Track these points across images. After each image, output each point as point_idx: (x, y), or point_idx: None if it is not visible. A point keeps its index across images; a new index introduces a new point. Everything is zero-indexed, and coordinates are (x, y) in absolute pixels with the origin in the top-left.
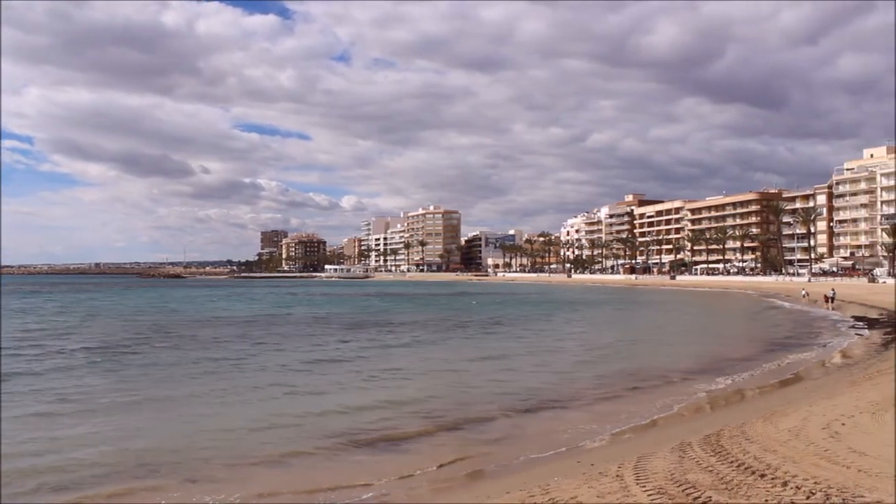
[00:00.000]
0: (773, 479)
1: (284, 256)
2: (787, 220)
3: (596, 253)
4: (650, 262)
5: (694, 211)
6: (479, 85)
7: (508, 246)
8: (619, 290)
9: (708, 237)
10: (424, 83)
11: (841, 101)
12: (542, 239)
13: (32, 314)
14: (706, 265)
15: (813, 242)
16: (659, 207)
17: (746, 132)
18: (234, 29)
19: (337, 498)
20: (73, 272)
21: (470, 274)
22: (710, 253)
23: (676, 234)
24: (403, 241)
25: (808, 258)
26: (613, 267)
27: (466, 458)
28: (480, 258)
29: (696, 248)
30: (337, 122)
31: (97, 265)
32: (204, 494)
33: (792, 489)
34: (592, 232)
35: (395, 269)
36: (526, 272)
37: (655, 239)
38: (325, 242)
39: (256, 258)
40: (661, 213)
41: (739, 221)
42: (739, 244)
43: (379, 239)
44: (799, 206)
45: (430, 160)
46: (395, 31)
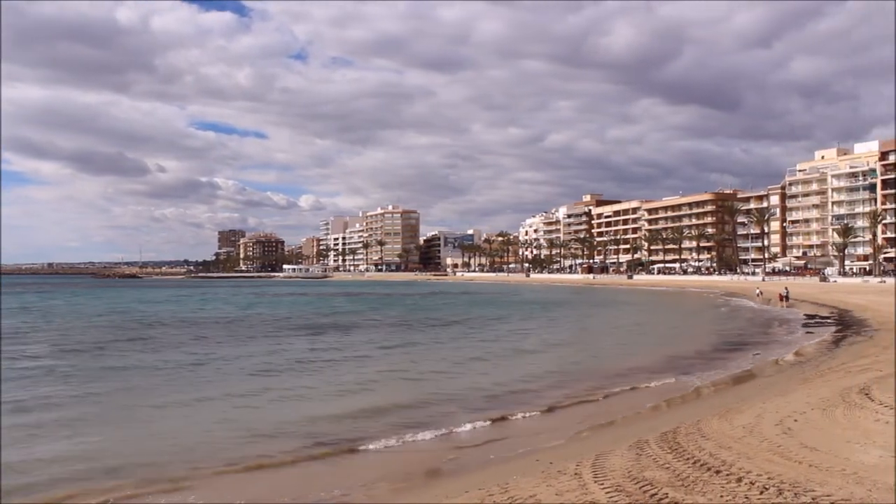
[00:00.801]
0: (727, 475)
1: (242, 256)
2: (741, 220)
3: (554, 252)
4: (608, 261)
5: (651, 211)
6: (437, 85)
7: (467, 246)
8: (578, 289)
9: (664, 237)
10: (383, 82)
11: (793, 103)
12: (500, 239)
13: None
14: (663, 265)
15: (767, 242)
16: (616, 207)
17: (702, 133)
18: (189, 26)
19: (297, 498)
20: (24, 272)
21: (429, 274)
22: (666, 252)
23: (633, 233)
24: (362, 240)
25: (762, 258)
26: (571, 266)
27: (425, 458)
28: (439, 258)
29: (652, 247)
30: (294, 120)
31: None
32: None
33: (746, 485)
34: (551, 232)
35: (353, 268)
36: (485, 272)
37: (613, 239)
38: (283, 242)
39: (214, 258)
40: (618, 213)
41: (695, 221)
42: (695, 244)
43: (338, 238)
44: (753, 206)
45: (388, 160)
46: (353, 29)
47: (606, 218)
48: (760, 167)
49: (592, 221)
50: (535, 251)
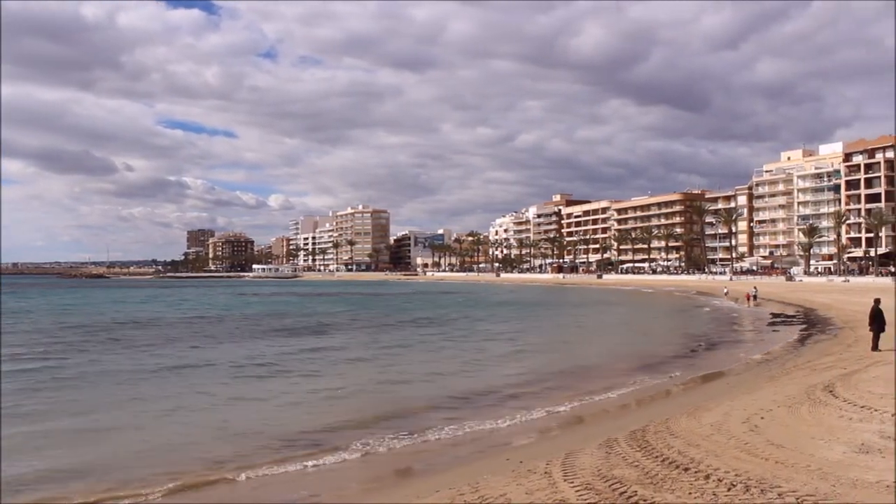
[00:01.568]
0: (696, 472)
1: (211, 256)
2: (709, 220)
3: (524, 252)
4: (577, 261)
5: (620, 211)
6: (407, 84)
7: (437, 245)
8: (549, 289)
9: (634, 237)
10: (353, 81)
11: (759, 104)
12: (470, 238)
13: None
14: (632, 264)
15: (734, 242)
16: (586, 207)
17: (670, 134)
18: (156, 23)
19: (266, 497)
20: None
21: (399, 273)
22: (635, 252)
23: (603, 233)
24: (332, 240)
25: (729, 257)
26: (541, 266)
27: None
28: (409, 258)
29: (622, 247)
30: (264, 119)
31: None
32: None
33: (714, 482)
34: (521, 231)
35: (323, 268)
36: (455, 272)
37: (583, 238)
38: (252, 242)
39: (183, 258)
40: (588, 213)
41: (664, 221)
42: (664, 244)
43: (307, 238)
44: (721, 206)
45: (358, 159)
46: (322, 28)
47: (576, 218)
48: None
49: (562, 221)
50: (505, 251)
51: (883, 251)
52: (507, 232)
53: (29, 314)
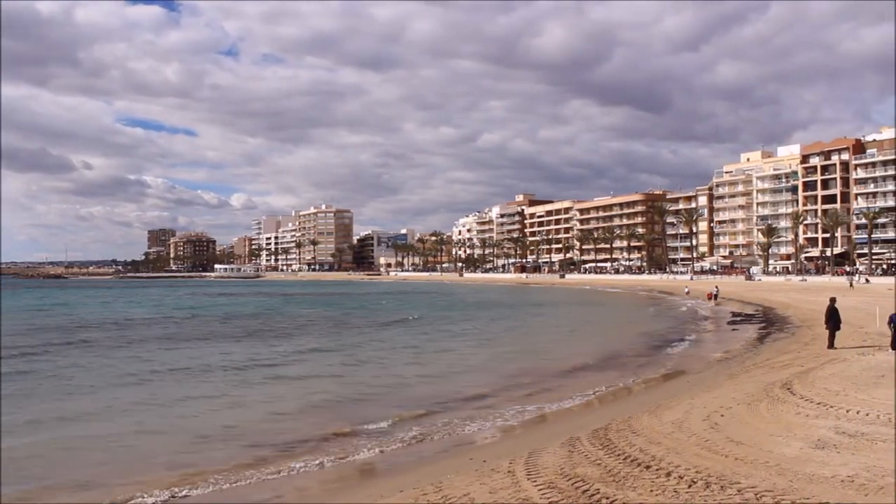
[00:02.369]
0: (657, 469)
1: (173, 256)
2: (670, 220)
3: (487, 252)
4: (540, 260)
5: (583, 211)
6: (370, 83)
7: (401, 245)
8: (512, 288)
9: (596, 237)
10: (315, 80)
11: (719, 106)
12: (434, 238)
13: None
14: (594, 264)
15: (695, 242)
16: (549, 207)
17: (632, 134)
18: (115, 19)
19: (229, 498)
20: None
21: (362, 273)
22: (598, 252)
23: (566, 233)
24: (295, 240)
25: (690, 257)
26: (504, 266)
27: (359, 457)
28: (373, 257)
29: (584, 247)
30: (225, 118)
31: None
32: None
33: (675, 479)
34: (484, 231)
35: (286, 268)
36: (418, 271)
37: (545, 238)
38: (214, 242)
39: (143, 258)
40: (550, 212)
41: (626, 221)
42: (626, 243)
43: (270, 238)
44: (682, 206)
45: (320, 158)
46: (284, 26)
47: (539, 218)
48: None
49: (525, 221)
50: (468, 251)
51: (838, 251)
52: (470, 232)
53: None
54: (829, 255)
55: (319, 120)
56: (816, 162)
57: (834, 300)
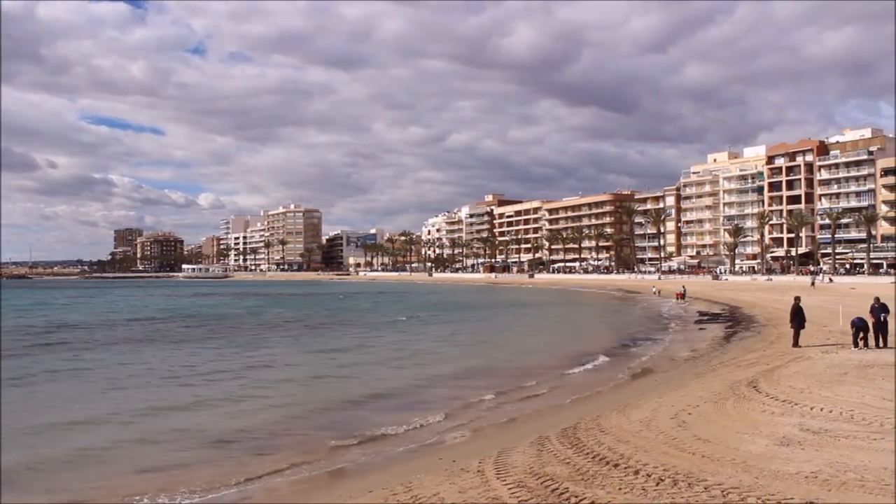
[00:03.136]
0: (625, 468)
1: (140, 256)
2: (639, 220)
3: (457, 252)
4: (510, 260)
5: (551, 211)
6: (339, 82)
7: (370, 245)
8: (481, 288)
9: (565, 237)
10: (283, 79)
11: (687, 107)
12: (403, 238)
13: None
14: (563, 264)
15: (663, 242)
16: (518, 207)
17: (600, 135)
18: (79, 15)
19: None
20: None
21: (331, 273)
22: (566, 252)
23: (535, 233)
24: (264, 240)
25: (658, 257)
26: (474, 265)
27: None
28: (342, 257)
29: (553, 247)
30: (192, 116)
31: None
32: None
33: (643, 477)
34: (453, 231)
35: (255, 268)
36: (387, 271)
37: (515, 238)
38: (182, 241)
39: (110, 258)
40: (520, 213)
41: (595, 221)
42: (595, 243)
43: (238, 238)
44: (650, 207)
45: (289, 158)
46: (252, 24)
47: (508, 218)
48: (656, 169)
49: (494, 221)
50: (437, 250)
51: (803, 251)
52: (439, 232)
53: None
54: (794, 254)
55: (288, 119)
56: (781, 163)
57: (799, 299)
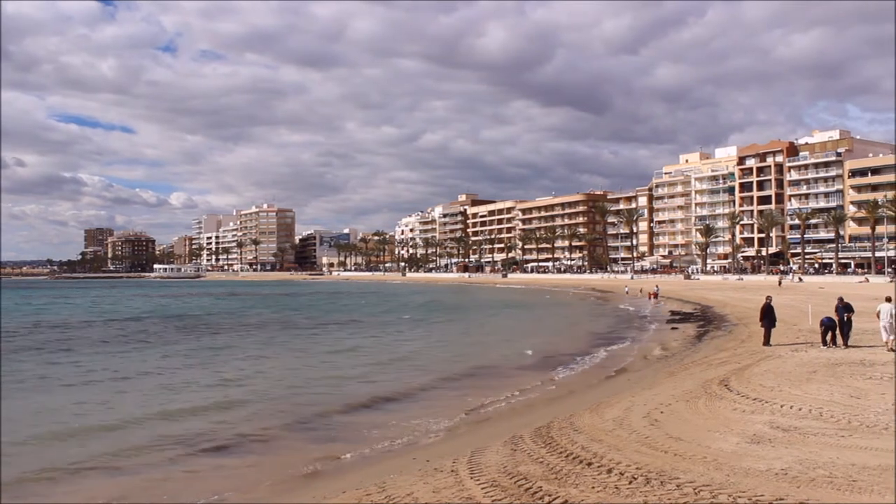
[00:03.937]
0: (599, 466)
1: (110, 256)
2: (611, 220)
3: (430, 252)
4: (483, 260)
5: (525, 211)
6: (311, 81)
7: (343, 245)
8: (455, 288)
9: (538, 236)
10: (255, 78)
11: (658, 108)
12: (376, 238)
13: None
14: (536, 263)
15: (635, 241)
16: (491, 207)
17: (573, 135)
18: (47, 12)
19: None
20: None
21: (305, 273)
22: (540, 251)
23: (508, 233)
24: (236, 239)
25: (631, 256)
26: (447, 265)
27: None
28: (315, 257)
29: (526, 246)
30: (163, 115)
31: None
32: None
33: (616, 475)
34: (427, 231)
35: (228, 268)
36: (361, 271)
37: (488, 238)
38: (154, 241)
39: (80, 258)
40: (493, 212)
41: (568, 221)
42: (568, 243)
43: (211, 238)
44: (622, 207)
45: (261, 157)
46: (224, 22)
47: (482, 217)
48: (629, 169)
49: (468, 221)
50: (411, 250)
51: (773, 251)
52: (413, 231)
53: None
54: (764, 254)
55: (260, 118)
56: (752, 164)
57: (770, 298)
